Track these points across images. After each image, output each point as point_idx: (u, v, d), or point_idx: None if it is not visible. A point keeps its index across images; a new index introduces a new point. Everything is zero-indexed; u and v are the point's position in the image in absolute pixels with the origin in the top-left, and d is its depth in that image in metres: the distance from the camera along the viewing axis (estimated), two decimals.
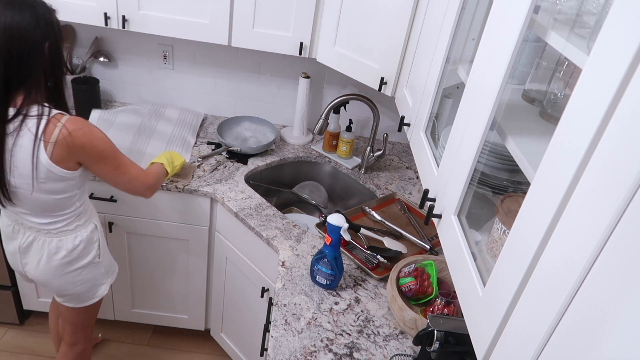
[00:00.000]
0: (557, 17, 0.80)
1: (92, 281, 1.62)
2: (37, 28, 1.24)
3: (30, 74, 1.28)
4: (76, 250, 1.53)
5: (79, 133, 1.33)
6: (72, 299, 1.64)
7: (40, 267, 1.52)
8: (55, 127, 1.30)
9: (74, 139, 1.32)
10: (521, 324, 0.65)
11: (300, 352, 1.33)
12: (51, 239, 1.49)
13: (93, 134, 1.37)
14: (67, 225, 1.50)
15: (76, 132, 1.32)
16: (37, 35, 1.25)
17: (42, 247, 1.50)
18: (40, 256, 1.51)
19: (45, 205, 1.42)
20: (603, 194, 0.52)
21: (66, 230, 1.50)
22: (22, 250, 1.52)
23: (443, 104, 1.34)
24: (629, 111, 0.50)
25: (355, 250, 1.70)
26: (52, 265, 1.52)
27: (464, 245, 0.91)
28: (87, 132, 1.35)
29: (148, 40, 2.29)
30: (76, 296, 1.62)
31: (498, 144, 0.96)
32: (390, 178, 2.21)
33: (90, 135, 1.36)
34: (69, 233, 1.51)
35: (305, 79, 2.25)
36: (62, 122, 1.31)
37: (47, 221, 1.46)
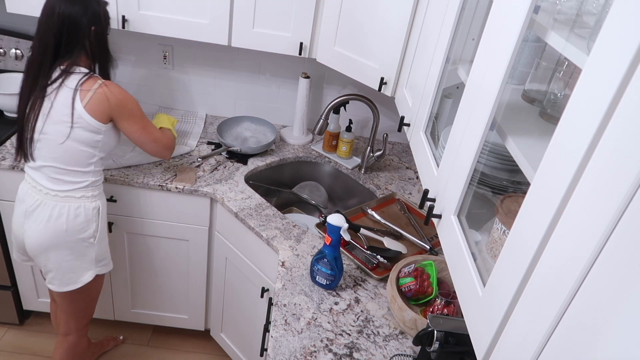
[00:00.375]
0: (557, 17, 0.80)
1: (79, 261, 1.67)
2: (84, 16, 1.51)
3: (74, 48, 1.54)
4: (76, 221, 1.62)
5: (116, 90, 1.57)
6: (55, 278, 1.68)
7: (38, 230, 1.61)
8: (95, 82, 1.54)
9: (113, 94, 1.55)
10: (521, 324, 0.65)
11: (300, 352, 1.33)
12: (55, 203, 1.59)
13: (127, 94, 1.61)
14: (75, 191, 1.60)
15: (114, 88, 1.56)
16: (84, 22, 1.52)
17: (46, 211, 1.59)
18: (41, 220, 1.60)
19: (69, 156, 1.56)
20: (603, 194, 0.52)
21: (72, 197, 1.60)
22: (27, 214, 1.62)
23: (443, 104, 1.34)
24: (629, 111, 0.50)
25: (355, 250, 1.70)
26: (49, 229, 1.60)
27: (464, 246, 0.90)
28: (123, 91, 1.59)
29: (148, 40, 2.29)
30: (60, 275, 1.67)
31: (498, 144, 0.96)
32: (390, 178, 2.21)
33: (125, 94, 1.60)
34: (73, 201, 1.60)
35: (305, 79, 2.25)
36: (101, 80, 1.56)
37: (63, 178, 1.58)
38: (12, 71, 2.27)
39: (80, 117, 1.52)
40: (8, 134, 2.04)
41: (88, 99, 1.51)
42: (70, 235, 1.62)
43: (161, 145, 1.74)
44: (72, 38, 1.52)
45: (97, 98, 1.52)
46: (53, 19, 1.49)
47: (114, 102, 1.55)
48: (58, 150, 1.55)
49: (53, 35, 1.50)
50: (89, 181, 1.63)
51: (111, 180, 1.89)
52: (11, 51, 2.24)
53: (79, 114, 1.52)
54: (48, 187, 1.59)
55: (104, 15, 1.58)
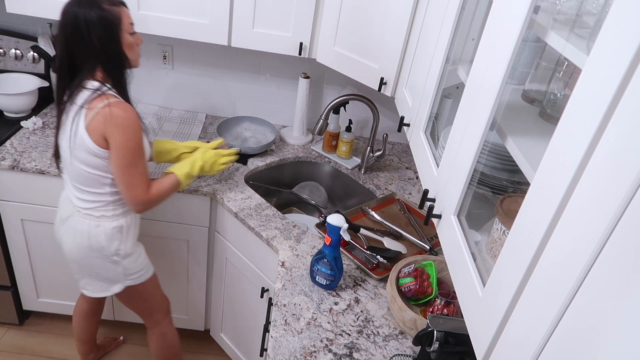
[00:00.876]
0: (556, 17, 0.80)
1: (106, 274, 1.66)
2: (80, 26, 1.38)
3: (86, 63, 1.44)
4: (96, 239, 1.58)
5: (120, 113, 1.41)
6: (88, 284, 1.71)
7: (68, 241, 1.62)
8: (102, 101, 1.41)
9: (113, 116, 1.40)
10: (521, 324, 0.65)
11: (300, 353, 1.33)
12: (79, 218, 1.57)
13: (132, 122, 1.43)
14: (93, 210, 1.56)
15: (117, 112, 1.41)
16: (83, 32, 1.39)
17: (73, 224, 1.59)
18: (70, 231, 1.61)
19: (78, 176, 1.51)
20: (603, 194, 0.52)
21: (91, 215, 1.56)
22: (61, 221, 1.64)
23: (443, 104, 1.34)
24: (629, 111, 0.50)
25: (355, 250, 1.70)
26: (75, 242, 1.60)
27: (464, 246, 0.90)
28: (128, 117, 1.42)
29: (148, 40, 2.28)
30: (92, 283, 1.69)
31: (498, 144, 0.96)
32: (390, 178, 2.21)
33: (128, 121, 1.42)
34: (93, 219, 1.57)
35: (305, 79, 2.25)
36: (110, 100, 1.42)
37: (81, 197, 1.55)
38: (12, 71, 2.27)
39: (81, 138, 1.43)
40: (8, 134, 2.04)
41: (90, 119, 1.41)
42: (93, 252, 1.61)
43: (132, 196, 1.51)
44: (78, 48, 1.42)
45: (97, 118, 1.41)
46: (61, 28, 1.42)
47: (111, 125, 1.41)
48: (73, 170, 1.52)
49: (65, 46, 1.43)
50: (107, 201, 1.56)
51: None
52: (11, 51, 2.24)
53: (80, 135, 1.43)
54: (73, 201, 1.57)
55: (101, 19, 1.40)
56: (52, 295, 2.27)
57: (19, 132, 2.08)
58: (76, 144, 1.45)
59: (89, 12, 1.39)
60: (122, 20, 1.45)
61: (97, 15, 1.39)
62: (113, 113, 1.40)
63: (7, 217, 2.02)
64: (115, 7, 1.43)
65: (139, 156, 1.48)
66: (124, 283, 1.70)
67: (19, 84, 2.20)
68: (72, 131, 1.44)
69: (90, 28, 1.39)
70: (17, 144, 2.00)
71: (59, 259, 2.14)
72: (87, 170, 1.49)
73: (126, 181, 1.49)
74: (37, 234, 2.07)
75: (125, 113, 1.42)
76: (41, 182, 1.93)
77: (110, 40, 1.44)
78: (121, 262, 1.65)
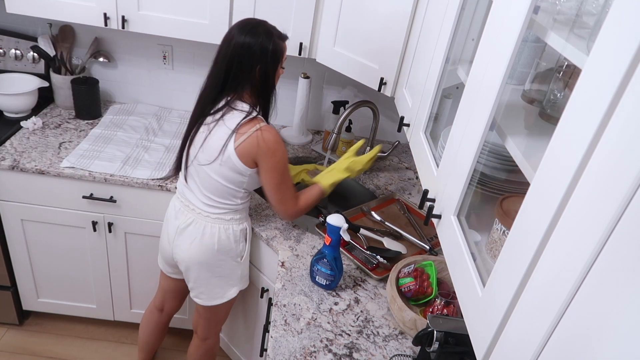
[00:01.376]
0: (556, 17, 0.80)
1: (226, 278, 1.71)
2: (253, 52, 1.47)
3: (240, 82, 1.51)
4: (226, 241, 1.64)
5: (270, 138, 1.50)
6: (203, 293, 1.73)
7: (191, 248, 1.65)
8: (253, 125, 1.49)
9: (264, 141, 1.49)
10: (521, 324, 0.65)
11: (300, 353, 1.33)
12: (207, 223, 1.62)
13: (280, 145, 1.54)
14: (224, 214, 1.62)
15: (268, 136, 1.50)
16: (252, 57, 1.48)
17: (198, 229, 1.63)
18: (194, 237, 1.64)
19: (212, 187, 1.58)
20: (603, 194, 0.52)
21: (222, 219, 1.63)
22: (180, 231, 1.66)
23: (443, 104, 1.34)
24: (629, 111, 0.50)
25: (354, 250, 1.70)
26: (202, 247, 1.64)
27: (464, 246, 0.90)
28: (277, 141, 1.52)
29: (148, 40, 2.29)
30: (207, 291, 1.73)
31: (498, 144, 0.96)
32: (390, 178, 2.21)
33: (277, 145, 1.52)
34: (223, 222, 1.63)
35: (305, 80, 2.25)
36: (260, 124, 1.50)
37: (209, 203, 1.60)
38: (12, 71, 2.27)
39: (229, 158, 1.51)
40: (8, 134, 2.05)
41: (241, 142, 1.49)
42: (220, 254, 1.65)
43: (284, 207, 1.63)
44: (239, 71, 1.49)
45: (249, 142, 1.49)
46: (229, 48, 1.48)
47: (263, 149, 1.50)
48: (206, 181, 1.58)
49: (226, 65, 1.49)
50: (236, 209, 1.64)
51: (111, 180, 1.89)
52: (11, 51, 2.24)
53: (229, 154, 1.50)
54: (200, 208, 1.62)
55: (273, 53, 1.50)
56: (52, 296, 2.27)
57: (19, 132, 2.08)
58: (222, 161, 1.52)
59: (267, 42, 1.48)
60: (284, 55, 1.56)
61: (272, 47, 1.49)
62: (265, 138, 1.49)
63: (7, 217, 2.02)
64: (282, 41, 1.54)
65: (287, 174, 1.59)
66: (239, 287, 1.76)
67: (18, 84, 2.20)
68: (218, 150, 1.50)
69: (262, 57, 1.48)
70: (17, 144, 2.01)
71: (59, 259, 2.14)
72: (224, 183, 1.56)
73: (278, 197, 1.59)
74: (37, 234, 2.07)
75: (274, 137, 1.51)
76: (41, 182, 1.93)
77: (272, 71, 1.53)
78: (241, 265, 1.73)
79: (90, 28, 2.25)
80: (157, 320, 2.01)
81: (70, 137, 2.10)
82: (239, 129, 1.49)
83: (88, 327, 2.43)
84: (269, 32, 1.50)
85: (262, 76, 1.51)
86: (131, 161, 1.99)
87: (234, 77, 1.50)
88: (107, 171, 1.91)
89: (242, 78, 1.50)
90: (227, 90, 1.53)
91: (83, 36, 2.30)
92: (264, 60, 1.49)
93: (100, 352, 2.33)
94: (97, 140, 2.09)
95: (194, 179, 1.61)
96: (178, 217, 1.67)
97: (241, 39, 1.47)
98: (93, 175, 1.89)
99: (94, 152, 2.00)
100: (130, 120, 2.28)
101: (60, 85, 2.25)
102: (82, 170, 1.89)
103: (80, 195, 1.94)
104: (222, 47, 1.51)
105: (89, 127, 2.20)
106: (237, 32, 1.48)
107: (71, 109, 2.29)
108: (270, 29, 1.51)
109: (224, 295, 1.74)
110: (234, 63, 1.48)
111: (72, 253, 2.12)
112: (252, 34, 1.47)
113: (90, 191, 1.94)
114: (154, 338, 2.06)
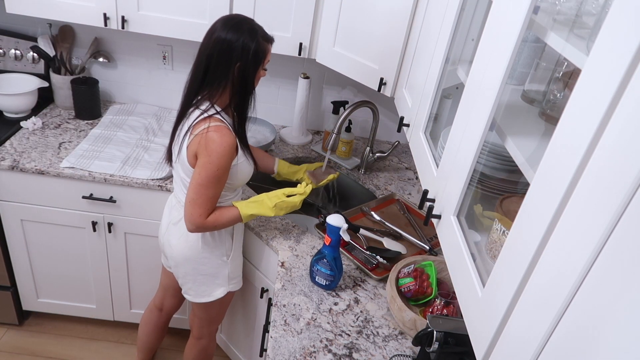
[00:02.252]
0: (556, 17, 0.80)
1: (212, 277, 1.70)
2: (234, 48, 1.43)
3: (216, 80, 1.47)
4: (209, 239, 1.63)
5: (216, 139, 1.43)
6: (191, 289, 1.73)
7: (179, 244, 1.65)
8: (205, 124, 1.45)
9: (208, 139, 1.44)
10: (520, 324, 0.65)
11: (300, 353, 1.33)
12: None
13: (221, 149, 1.44)
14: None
15: (213, 136, 1.43)
16: (233, 53, 1.43)
17: (184, 226, 1.59)
18: (180, 233, 1.64)
19: (183, 185, 1.58)
20: (602, 194, 0.52)
21: None
22: (170, 227, 1.67)
23: (442, 104, 1.34)
24: (629, 111, 0.50)
25: (354, 250, 1.70)
26: (188, 244, 1.63)
27: (464, 246, 0.90)
28: (219, 144, 1.43)
29: (147, 40, 2.29)
30: (195, 287, 1.72)
31: (497, 144, 0.96)
32: (390, 178, 2.21)
33: (218, 147, 1.43)
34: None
35: (305, 80, 2.25)
36: (211, 124, 1.44)
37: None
38: (12, 72, 2.27)
39: (183, 155, 1.50)
40: (8, 134, 2.04)
41: (191, 140, 1.46)
42: (204, 252, 1.64)
43: (190, 214, 1.51)
44: (218, 65, 1.45)
45: (195, 141, 1.45)
46: (210, 41, 1.44)
47: (202, 145, 1.43)
48: (178, 179, 1.59)
49: (206, 58, 1.45)
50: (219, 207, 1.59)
51: (111, 180, 1.89)
52: (10, 52, 2.24)
53: (183, 154, 1.50)
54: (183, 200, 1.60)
55: (255, 52, 1.45)
56: (51, 296, 2.27)
57: (19, 132, 2.08)
58: (180, 160, 1.53)
59: (249, 41, 1.44)
60: (267, 57, 1.51)
61: (255, 46, 1.45)
62: (209, 137, 1.43)
63: (6, 217, 2.02)
64: (266, 42, 1.49)
65: (215, 182, 1.48)
66: (227, 288, 1.74)
67: (18, 84, 2.20)
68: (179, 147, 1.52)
69: (242, 55, 1.43)
70: (16, 144, 2.00)
71: (58, 259, 2.14)
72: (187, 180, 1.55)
73: (191, 197, 1.50)
74: (37, 234, 2.07)
75: (219, 140, 1.43)
76: (41, 182, 1.93)
77: (252, 70, 1.48)
78: (227, 265, 1.70)
79: (90, 28, 2.25)
80: (157, 320, 2.01)
81: (70, 137, 2.10)
82: (193, 129, 1.46)
83: (88, 327, 2.43)
84: (253, 30, 1.45)
85: (240, 74, 1.46)
86: (131, 161, 1.99)
87: (213, 71, 1.46)
88: (106, 171, 1.91)
89: (220, 73, 1.46)
90: (205, 85, 1.49)
91: (83, 36, 2.30)
92: (245, 58, 1.44)
93: (100, 352, 2.33)
94: (96, 140, 2.09)
95: (175, 177, 1.63)
96: (171, 213, 1.68)
97: (223, 33, 1.43)
98: (93, 175, 1.89)
99: (93, 152, 2.00)
100: (130, 120, 2.29)
101: (60, 85, 2.25)
102: (81, 171, 1.89)
103: (80, 195, 1.94)
104: (204, 40, 1.47)
105: (89, 127, 2.20)
106: (220, 26, 1.44)
107: (71, 109, 2.29)
108: (255, 28, 1.47)
109: (210, 293, 1.72)
110: (214, 57, 1.44)
111: (72, 253, 2.12)
112: (235, 30, 1.43)
113: (90, 191, 1.94)
114: (154, 338, 2.06)
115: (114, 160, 1.98)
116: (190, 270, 1.68)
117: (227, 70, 1.45)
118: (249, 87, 1.51)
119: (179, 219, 1.63)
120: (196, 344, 1.91)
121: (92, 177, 1.89)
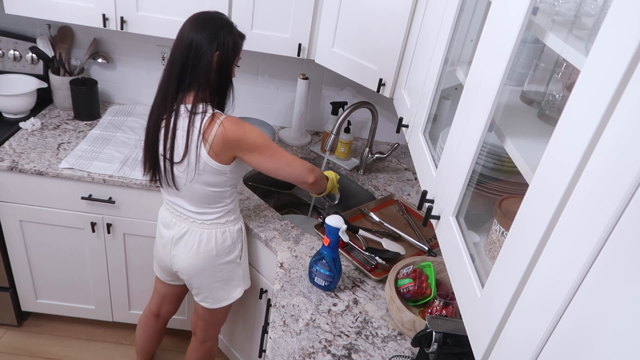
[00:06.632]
0: (555, 18, 0.80)
1: (229, 280, 1.72)
2: (211, 42, 1.44)
3: (198, 77, 1.46)
4: (224, 245, 1.65)
5: (232, 127, 1.46)
6: (208, 297, 1.73)
7: (189, 257, 1.64)
8: (215, 123, 1.46)
9: (228, 133, 1.45)
10: (519, 325, 0.65)
11: (299, 354, 1.33)
12: (203, 230, 1.62)
13: (244, 127, 1.49)
14: (219, 218, 1.62)
15: (229, 126, 1.46)
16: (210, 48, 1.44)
17: (195, 238, 1.62)
18: (191, 246, 1.63)
19: (199, 196, 1.56)
20: (601, 194, 0.52)
21: (217, 223, 1.62)
22: (175, 241, 1.65)
23: (441, 105, 1.34)
24: (628, 112, 0.50)
25: (353, 251, 1.70)
26: (200, 255, 1.63)
27: (463, 247, 0.90)
28: (240, 127, 1.48)
29: (146, 41, 2.29)
30: (212, 295, 1.73)
31: (496, 145, 0.96)
32: (389, 179, 2.21)
33: (242, 129, 1.48)
34: (219, 226, 1.63)
35: (304, 80, 2.25)
36: (220, 120, 1.46)
37: (201, 211, 1.59)
38: (11, 72, 2.27)
39: (205, 164, 1.48)
40: (6, 135, 2.04)
41: (210, 145, 1.46)
42: (220, 259, 1.65)
43: (298, 165, 1.57)
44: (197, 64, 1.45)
45: (217, 141, 1.45)
46: (183, 43, 1.44)
47: (233, 142, 1.46)
48: (194, 194, 1.56)
49: (179, 58, 1.45)
50: (228, 209, 1.63)
51: (110, 181, 1.89)
52: (9, 52, 2.24)
53: (204, 161, 1.48)
54: (194, 216, 1.61)
55: (233, 46, 1.48)
56: (50, 297, 2.27)
57: (18, 133, 2.08)
58: (199, 169, 1.49)
59: (228, 36, 1.47)
60: (238, 53, 1.53)
61: (232, 42, 1.48)
62: (227, 129, 1.45)
63: (5, 218, 2.02)
64: (241, 39, 1.53)
65: (271, 142, 1.54)
66: (243, 287, 1.76)
67: (17, 85, 2.20)
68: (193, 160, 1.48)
69: (220, 50, 1.45)
70: (15, 145, 2.00)
71: (57, 259, 2.13)
72: (211, 189, 1.55)
73: (283, 162, 1.55)
74: (36, 235, 2.06)
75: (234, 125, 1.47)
76: (40, 183, 1.92)
77: (226, 66, 1.50)
78: (241, 265, 1.73)
79: (89, 29, 2.25)
80: (154, 327, 2.00)
81: (69, 138, 2.10)
82: (204, 133, 1.45)
83: (87, 328, 2.42)
84: (228, 23, 1.49)
85: (220, 65, 1.47)
86: (130, 162, 1.99)
87: (192, 71, 1.45)
88: (105, 172, 1.90)
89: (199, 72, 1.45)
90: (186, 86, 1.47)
91: (82, 37, 2.29)
92: (223, 53, 1.46)
93: (99, 353, 2.33)
94: (95, 141, 2.09)
95: (180, 190, 1.58)
96: (171, 227, 1.66)
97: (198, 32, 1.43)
98: (92, 176, 1.89)
99: (92, 153, 2.00)
100: (129, 121, 2.28)
101: (59, 86, 2.25)
102: (80, 171, 1.89)
103: (79, 196, 1.94)
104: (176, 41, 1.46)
105: (88, 128, 2.20)
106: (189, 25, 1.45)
107: (70, 110, 2.29)
108: (229, 21, 1.50)
109: (229, 297, 1.74)
110: (190, 56, 1.44)
111: (71, 254, 2.12)
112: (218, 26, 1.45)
113: (89, 192, 1.94)
114: (151, 343, 2.05)
115: (113, 161, 1.98)
116: (206, 279, 1.68)
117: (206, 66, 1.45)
118: (228, 77, 1.54)
119: (183, 232, 1.63)
120: (201, 347, 1.91)
121: (91, 177, 1.89)
